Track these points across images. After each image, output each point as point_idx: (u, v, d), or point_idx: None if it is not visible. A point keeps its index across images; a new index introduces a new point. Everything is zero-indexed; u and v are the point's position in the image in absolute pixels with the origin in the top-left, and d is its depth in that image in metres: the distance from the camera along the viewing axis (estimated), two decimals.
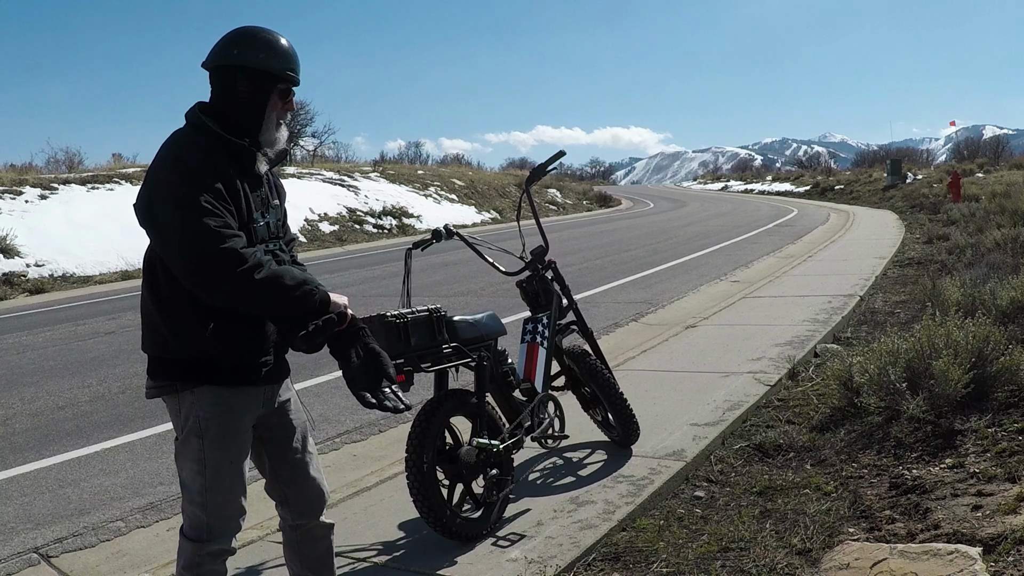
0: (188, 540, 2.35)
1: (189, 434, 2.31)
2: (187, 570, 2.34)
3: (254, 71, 2.27)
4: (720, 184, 59.61)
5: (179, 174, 2.15)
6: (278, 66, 2.29)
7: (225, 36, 2.31)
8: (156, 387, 2.35)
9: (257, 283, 2.12)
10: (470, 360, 3.39)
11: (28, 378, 6.90)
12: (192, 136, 2.25)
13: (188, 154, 2.20)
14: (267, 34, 2.32)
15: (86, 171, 20.98)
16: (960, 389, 4.16)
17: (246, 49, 2.27)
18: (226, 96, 2.30)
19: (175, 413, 2.36)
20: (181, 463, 2.37)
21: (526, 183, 4.20)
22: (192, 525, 2.35)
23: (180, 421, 2.33)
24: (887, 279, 9.84)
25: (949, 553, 2.71)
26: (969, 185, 21.94)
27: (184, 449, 2.34)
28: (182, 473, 2.37)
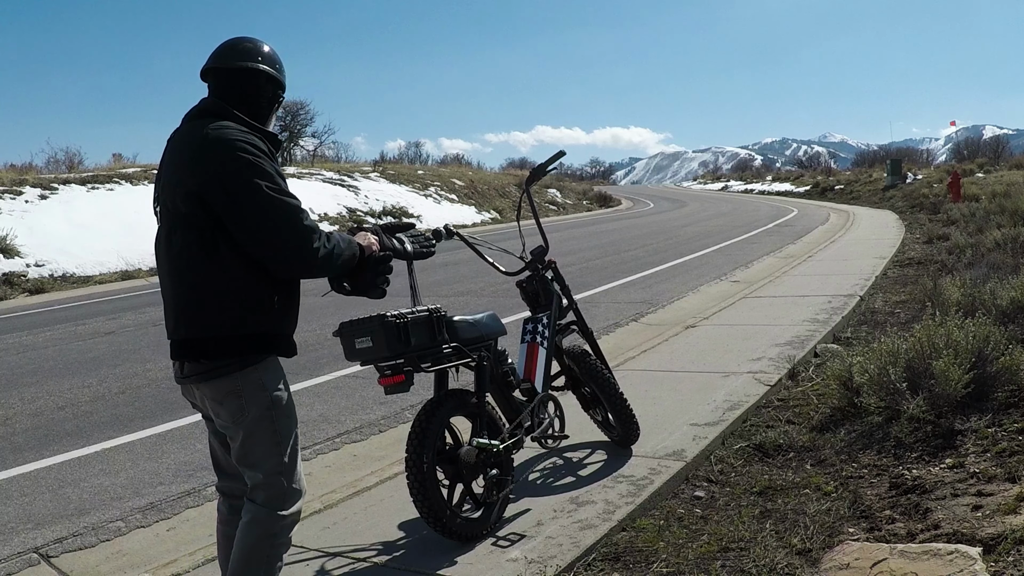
0: (269, 512, 2.43)
1: (262, 409, 2.41)
2: (267, 540, 2.43)
3: (279, 81, 2.57)
4: (720, 184, 59.62)
5: (261, 159, 2.34)
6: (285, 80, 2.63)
7: (259, 47, 2.53)
8: (212, 368, 2.38)
9: (329, 252, 2.40)
10: (470, 360, 3.39)
11: (28, 378, 6.90)
12: (241, 128, 2.40)
13: (253, 143, 2.37)
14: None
15: (86, 171, 20.98)
16: (960, 389, 4.16)
17: (279, 65, 2.58)
18: (255, 96, 2.51)
19: (233, 393, 2.40)
20: (253, 441, 2.42)
21: (526, 183, 4.20)
22: (272, 496, 2.44)
23: (246, 399, 2.40)
24: (887, 279, 9.85)
25: (949, 553, 2.71)
26: (969, 185, 21.94)
27: (257, 426, 2.41)
28: (255, 450, 2.42)
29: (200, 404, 2.55)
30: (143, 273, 15.20)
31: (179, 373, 2.50)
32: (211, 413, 2.51)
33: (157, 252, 2.50)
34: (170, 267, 2.41)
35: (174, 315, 2.42)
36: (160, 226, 2.47)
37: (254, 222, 2.31)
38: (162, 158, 2.50)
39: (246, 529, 2.45)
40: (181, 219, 2.37)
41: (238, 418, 2.42)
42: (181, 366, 2.47)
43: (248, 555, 2.45)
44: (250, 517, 2.45)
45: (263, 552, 2.45)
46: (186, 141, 2.41)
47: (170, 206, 2.40)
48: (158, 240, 2.48)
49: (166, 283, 2.45)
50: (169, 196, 2.40)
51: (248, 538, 2.45)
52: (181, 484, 4.34)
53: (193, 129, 2.42)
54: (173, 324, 2.43)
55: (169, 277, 2.43)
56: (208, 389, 2.43)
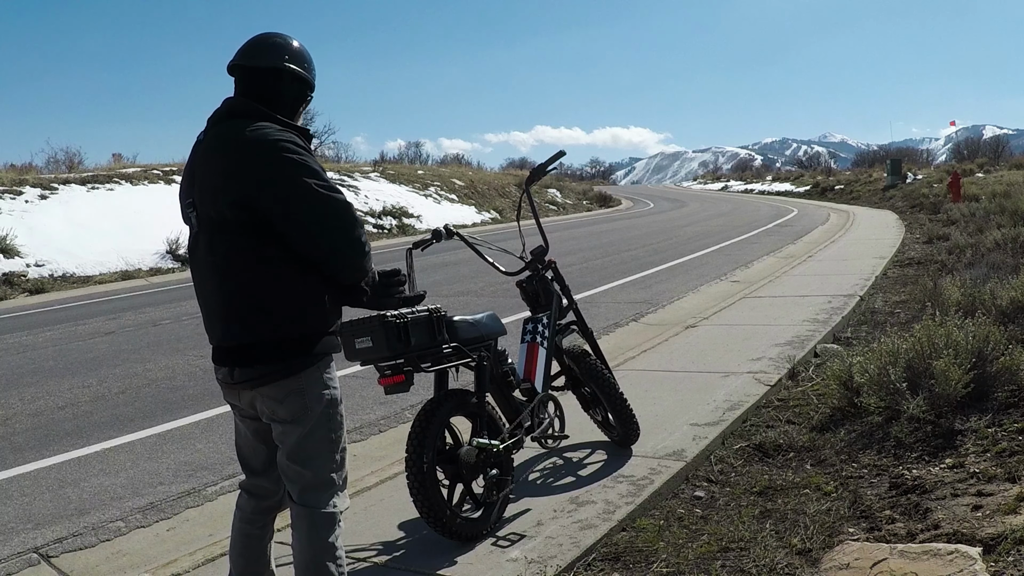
0: (326, 512, 2.40)
1: (323, 406, 2.40)
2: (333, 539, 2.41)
3: (308, 81, 2.54)
4: (720, 184, 59.60)
5: (306, 156, 2.32)
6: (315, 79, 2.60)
7: (290, 44, 2.50)
8: (274, 371, 2.33)
9: (369, 256, 2.42)
10: (470, 360, 3.39)
11: (28, 378, 6.90)
12: (277, 127, 2.36)
13: (294, 140, 2.34)
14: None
15: (86, 171, 20.97)
16: (960, 389, 4.16)
17: (311, 67, 2.55)
18: (283, 96, 2.48)
19: (296, 392, 2.37)
20: (311, 438, 2.39)
21: (526, 183, 4.20)
22: (327, 495, 2.42)
23: (308, 397, 2.38)
24: (887, 279, 9.84)
25: (949, 553, 2.71)
26: (969, 185, 21.93)
27: (317, 424, 2.40)
28: (312, 447, 2.40)
29: (246, 404, 2.47)
30: (143, 273, 15.21)
31: (228, 378, 2.42)
32: (263, 413, 2.43)
33: (194, 259, 2.44)
34: (214, 273, 2.36)
35: (222, 321, 2.37)
36: (197, 232, 2.41)
37: (308, 222, 2.28)
38: (192, 163, 2.43)
39: (311, 536, 2.40)
40: (226, 225, 2.31)
41: (299, 416, 2.38)
42: (230, 371, 2.40)
43: (321, 559, 2.39)
44: (309, 521, 2.40)
45: (333, 552, 2.42)
46: (224, 145, 2.34)
47: (213, 213, 2.33)
48: (194, 246, 2.43)
49: (209, 289, 2.39)
50: (210, 203, 2.33)
51: (316, 542, 2.40)
52: (181, 484, 4.34)
53: (228, 132, 2.36)
54: (222, 330, 2.37)
55: (214, 283, 2.37)
56: (268, 389, 2.37)
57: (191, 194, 2.41)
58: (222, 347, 2.40)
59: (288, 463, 2.43)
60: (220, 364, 2.44)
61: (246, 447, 2.61)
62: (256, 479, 2.61)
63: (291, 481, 2.45)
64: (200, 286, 2.45)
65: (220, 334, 2.40)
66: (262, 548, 2.65)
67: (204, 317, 2.47)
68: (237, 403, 2.51)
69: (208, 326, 2.46)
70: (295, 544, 2.44)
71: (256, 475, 2.61)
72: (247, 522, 2.63)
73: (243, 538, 2.63)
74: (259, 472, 2.60)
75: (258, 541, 2.64)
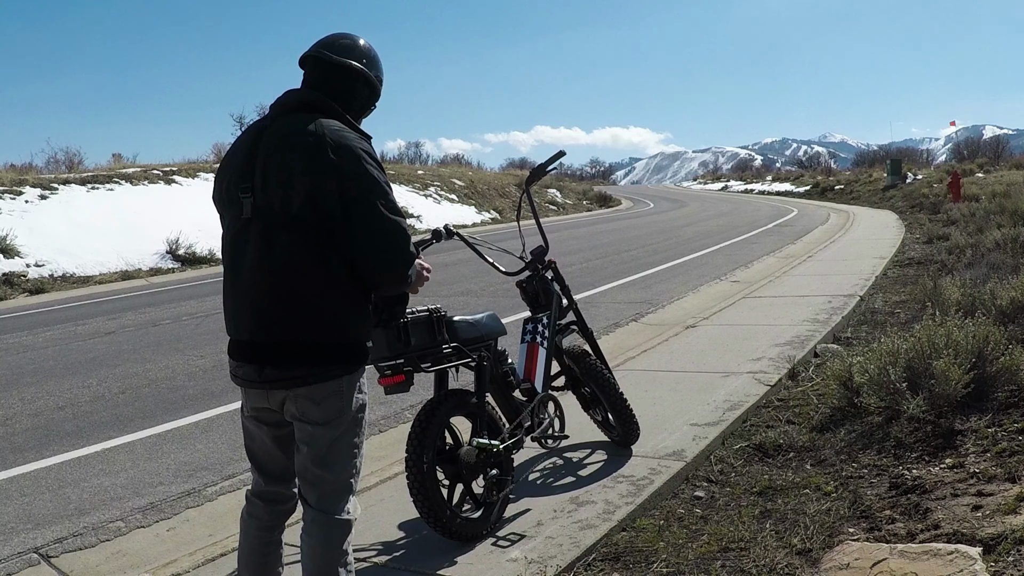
0: (342, 518, 2.38)
1: (355, 411, 2.39)
2: (346, 544, 2.38)
3: (379, 95, 2.57)
4: (720, 184, 59.60)
5: (380, 172, 2.33)
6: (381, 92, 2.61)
7: (370, 49, 2.51)
8: (312, 373, 2.29)
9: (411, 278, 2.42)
10: (470, 360, 3.39)
11: (28, 378, 6.90)
12: (354, 133, 2.36)
13: (370, 151, 2.35)
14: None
15: (86, 171, 20.97)
16: (960, 389, 4.16)
17: (382, 78, 2.57)
18: (360, 100, 2.50)
19: (336, 394, 2.33)
20: (339, 443, 2.37)
21: (526, 183, 4.20)
22: (344, 501, 2.40)
23: (345, 400, 2.35)
24: (887, 279, 9.84)
25: (949, 553, 2.71)
26: (969, 185, 21.93)
27: (347, 428, 2.38)
28: (338, 451, 2.37)
29: (275, 405, 2.38)
30: (143, 273, 15.20)
31: (255, 376, 2.33)
32: (291, 413, 2.36)
33: (236, 247, 2.34)
34: (265, 267, 2.27)
35: (265, 317, 2.29)
36: (248, 220, 2.31)
37: (370, 236, 2.27)
38: (251, 149, 2.35)
39: (325, 542, 2.36)
40: (292, 221, 2.25)
41: (334, 419, 2.34)
42: (259, 369, 2.31)
43: (333, 566, 2.36)
44: (326, 528, 2.36)
45: (344, 557, 2.38)
46: (303, 139, 2.27)
47: (278, 206, 2.26)
48: (240, 235, 2.33)
49: (253, 282, 2.30)
50: (279, 195, 2.26)
51: (330, 548, 2.36)
52: (181, 484, 4.34)
53: (306, 126, 2.29)
54: (260, 326, 2.30)
55: (261, 278, 2.28)
56: (307, 391, 2.31)
57: (247, 179, 2.32)
58: (257, 343, 2.31)
59: (312, 466, 2.36)
60: (248, 361, 2.34)
61: (263, 454, 2.51)
62: (274, 485, 2.52)
63: (311, 485, 2.38)
64: (239, 276, 2.34)
65: (252, 328, 2.31)
66: (280, 553, 2.60)
67: (235, 309, 2.35)
68: (263, 404, 2.40)
69: (238, 319, 2.35)
70: (307, 549, 2.38)
71: (274, 481, 2.52)
72: (266, 530, 2.54)
73: (263, 547, 2.54)
74: (277, 478, 2.52)
75: (277, 547, 2.58)
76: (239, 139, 2.46)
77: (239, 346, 2.37)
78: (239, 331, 2.36)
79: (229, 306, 2.39)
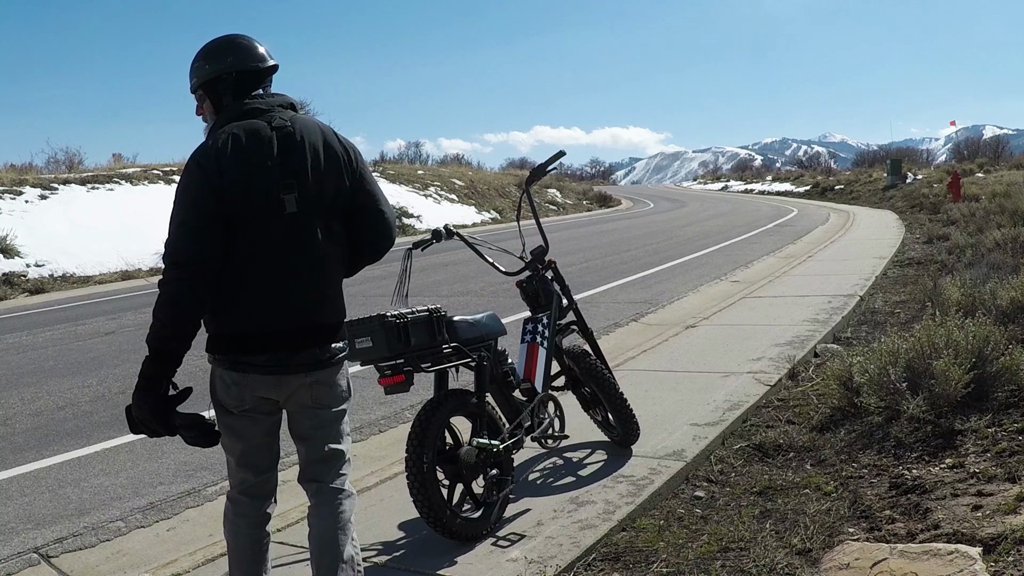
0: (351, 495, 2.56)
1: (350, 398, 2.58)
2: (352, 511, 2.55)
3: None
4: (720, 184, 59.59)
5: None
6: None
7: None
8: (343, 350, 2.52)
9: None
10: (470, 360, 3.39)
11: (28, 378, 6.90)
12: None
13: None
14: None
15: (86, 171, 20.97)
16: (960, 389, 4.16)
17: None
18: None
19: (342, 375, 2.53)
20: (342, 420, 2.56)
21: (526, 183, 4.20)
22: (348, 481, 2.57)
23: (342, 388, 2.54)
24: (887, 279, 9.84)
25: (949, 553, 2.71)
26: (969, 185, 21.92)
27: (347, 405, 2.57)
28: (343, 428, 2.56)
29: (282, 393, 2.45)
30: (143, 273, 15.20)
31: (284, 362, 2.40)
32: (305, 399, 2.47)
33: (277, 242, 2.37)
34: (315, 257, 2.42)
35: (310, 303, 2.42)
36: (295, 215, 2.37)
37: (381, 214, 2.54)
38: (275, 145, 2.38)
39: (340, 515, 2.51)
40: (335, 212, 2.46)
41: (342, 400, 2.54)
42: (288, 356, 2.39)
43: (346, 535, 2.50)
44: (340, 501, 2.51)
45: (352, 530, 2.54)
46: (322, 135, 2.46)
47: (328, 198, 2.43)
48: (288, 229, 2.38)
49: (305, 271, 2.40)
50: (331, 188, 2.43)
51: (345, 519, 2.51)
52: (181, 484, 4.34)
53: (313, 123, 2.49)
54: (316, 310, 2.44)
55: (314, 266, 2.42)
56: (325, 374, 2.47)
57: (285, 176, 2.37)
58: (313, 327, 2.43)
59: (327, 448, 2.52)
60: (302, 348, 2.42)
61: (255, 449, 2.55)
62: (263, 476, 2.59)
63: (326, 464, 2.53)
64: (284, 268, 2.39)
65: (296, 315, 2.40)
66: (267, 549, 2.65)
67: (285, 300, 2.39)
68: (271, 395, 2.45)
69: (289, 309, 2.40)
70: (321, 526, 2.50)
71: (263, 473, 2.59)
72: (257, 526, 2.60)
73: (254, 544, 2.59)
74: (266, 470, 2.59)
75: (266, 541, 2.64)
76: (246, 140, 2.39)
77: (290, 334, 2.41)
78: (287, 319, 2.41)
79: (267, 297, 2.39)
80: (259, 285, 2.39)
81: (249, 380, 2.43)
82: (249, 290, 2.39)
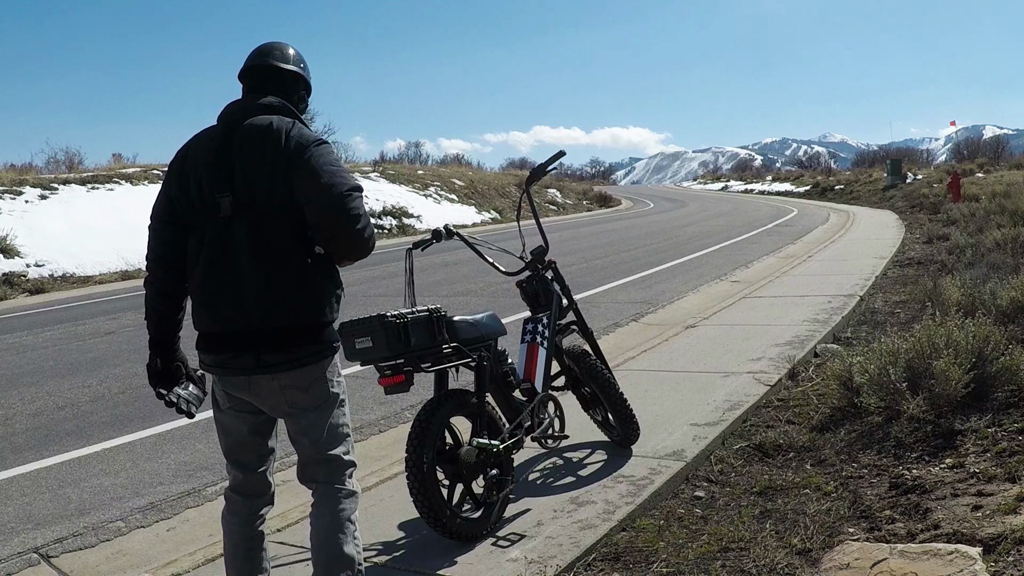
0: (351, 488, 2.57)
1: (341, 390, 2.57)
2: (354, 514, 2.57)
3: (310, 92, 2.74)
4: (720, 184, 59.59)
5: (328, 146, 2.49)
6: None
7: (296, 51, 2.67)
8: (306, 354, 2.44)
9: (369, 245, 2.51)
10: (470, 360, 3.39)
11: (28, 378, 6.90)
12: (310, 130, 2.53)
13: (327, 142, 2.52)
14: None
15: (86, 171, 20.97)
16: (960, 389, 4.16)
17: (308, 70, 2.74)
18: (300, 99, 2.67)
19: (321, 378, 2.49)
20: (335, 421, 2.54)
21: (526, 183, 4.20)
22: (350, 472, 2.59)
23: (331, 382, 2.52)
24: (887, 279, 9.84)
25: (949, 553, 2.71)
26: (969, 185, 21.92)
27: (339, 406, 2.56)
28: (337, 429, 2.55)
29: (257, 397, 2.50)
30: (143, 273, 15.18)
31: (252, 363, 2.43)
32: (279, 407, 2.49)
33: (216, 244, 2.42)
34: (256, 258, 2.38)
35: (261, 305, 2.39)
36: (228, 218, 2.41)
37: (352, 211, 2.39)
38: (216, 151, 2.46)
39: (336, 514, 2.52)
40: (278, 213, 2.39)
41: (323, 401, 2.51)
42: (256, 356, 2.41)
43: (345, 536, 2.52)
44: (337, 500, 2.53)
45: (354, 530, 2.55)
46: (276, 137, 2.42)
47: (263, 200, 2.39)
48: (220, 232, 2.42)
49: (246, 274, 2.39)
50: (263, 191, 2.39)
51: (341, 519, 2.52)
52: (181, 484, 4.34)
53: (273, 124, 2.44)
54: (260, 313, 2.39)
55: (255, 268, 2.39)
56: (292, 377, 2.44)
57: (219, 180, 2.42)
58: (253, 331, 2.41)
59: (316, 451, 2.53)
60: (244, 349, 2.42)
61: (239, 446, 2.62)
62: (250, 475, 2.63)
63: (318, 465, 2.54)
64: (224, 271, 2.42)
65: (251, 317, 2.40)
66: (263, 547, 2.68)
67: (222, 302, 2.43)
68: (243, 396, 2.51)
69: (227, 311, 2.43)
70: (319, 523, 2.52)
71: (250, 471, 2.63)
72: (248, 524, 2.65)
73: (246, 542, 2.64)
74: (254, 468, 2.63)
75: (260, 541, 2.67)
76: (195, 145, 2.54)
77: (230, 337, 2.45)
78: (229, 322, 2.44)
79: (210, 300, 2.46)
80: (201, 286, 2.48)
81: (225, 380, 2.53)
82: (195, 291, 2.50)
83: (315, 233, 2.41)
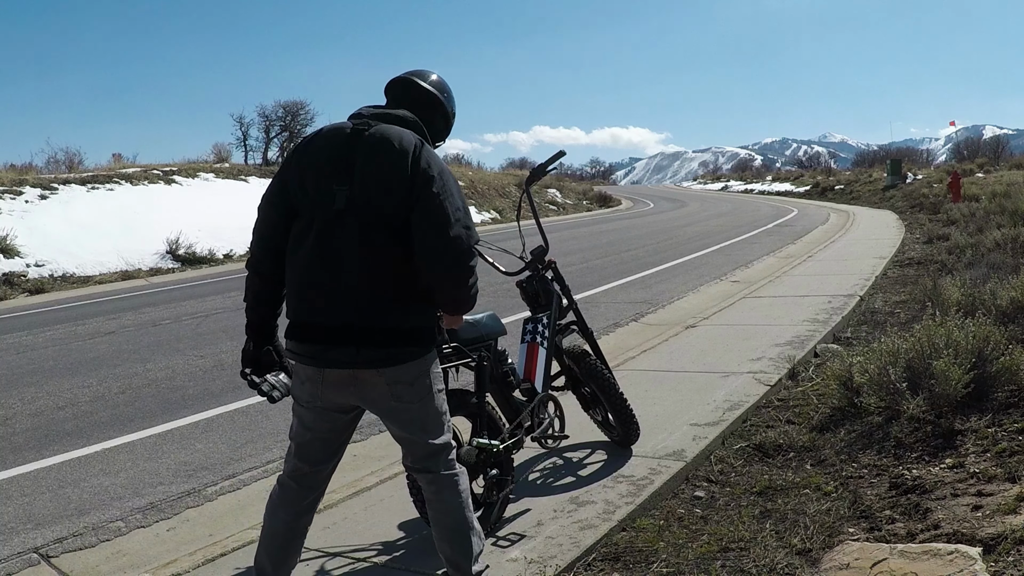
0: (455, 471, 2.67)
1: (439, 383, 2.64)
2: (466, 495, 2.68)
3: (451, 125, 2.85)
4: (720, 184, 59.59)
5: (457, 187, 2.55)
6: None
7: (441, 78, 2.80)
8: (404, 352, 2.49)
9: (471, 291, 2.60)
10: (470, 360, 3.39)
11: (28, 378, 6.90)
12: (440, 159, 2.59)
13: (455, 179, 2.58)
14: None
15: (86, 171, 20.97)
16: (960, 389, 4.16)
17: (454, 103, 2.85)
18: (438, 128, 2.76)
19: (424, 373, 2.55)
20: (434, 411, 2.61)
21: (526, 183, 4.20)
22: (450, 457, 2.68)
23: (432, 377, 2.59)
24: (887, 279, 9.85)
25: (949, 553, 2.71)
26: (969, 185, 21.92)
27: (438, 397, 2.62)
28: (435, 418, 2.62)
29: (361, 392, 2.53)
30: (143, 273, 15.20)
31: (348, 358, 2.45)
32: (386, 397, 2.53)
33: (326, 237, 2.45)
34: (361, 257, 2.42)
35: (363, 304, 2.43)
36: (342, 211, 2.44)
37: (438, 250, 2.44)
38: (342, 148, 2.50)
39: (448, 497, 2.63)
40: (387, 220, 2.43)
41: (425, 394, 2.56)
42: (355, 351, 2.44)
43: (460, 519, 2.63)
44: (444, 484, 2.63)
45: (468, 511, 2.65)
46: (403, 150, 2.45)
47: (377, 205, 2.43)
48: (332, 226, 2.45)
49: (351, 271, 2.43)
50: (381, 195, 2.43)
51: (455, 502, 2.63)
52: (181, 484, 4.34)
53: (403, 137, 2.48)
54: (360, 312, 2.43)
55: (360, 269, 2.42)
56: (396, 372, 2.49)
57: (339, 172, 2.47)
58: (352, 327, 2.43)
59: (426, 440, 2.60)
60: (343, 344, 2.44)
61: (319, 442, 2.63)
62: (318, 467, 2.65)
63: (432, 457, 2.63)
64: (329, 264, 2.45)
65: (346, 314, 2.43)
66: (301, 542, 2.73)
67: (322, 296, 2.46)
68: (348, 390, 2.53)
69: (329, 304, 2.46)
70: (448, 509, 2.64)
71: (318, 466, 2.66)
72: (299, 515, 2.67)
73: (288, 531, 2.67)
74: (322, 461, 2.66)
75: (301, 535, 2.71)
76: (320, 136, 2.58)
77: (326, 330, 2.47)
78: (328, 315, 2.46)
79: (309, 291, 2.48)
80: (301, 276, 2.50)
81: (326, 381, 2.53)
82: (294, 280, 2.52)
83: (420, 269, 2.46)
